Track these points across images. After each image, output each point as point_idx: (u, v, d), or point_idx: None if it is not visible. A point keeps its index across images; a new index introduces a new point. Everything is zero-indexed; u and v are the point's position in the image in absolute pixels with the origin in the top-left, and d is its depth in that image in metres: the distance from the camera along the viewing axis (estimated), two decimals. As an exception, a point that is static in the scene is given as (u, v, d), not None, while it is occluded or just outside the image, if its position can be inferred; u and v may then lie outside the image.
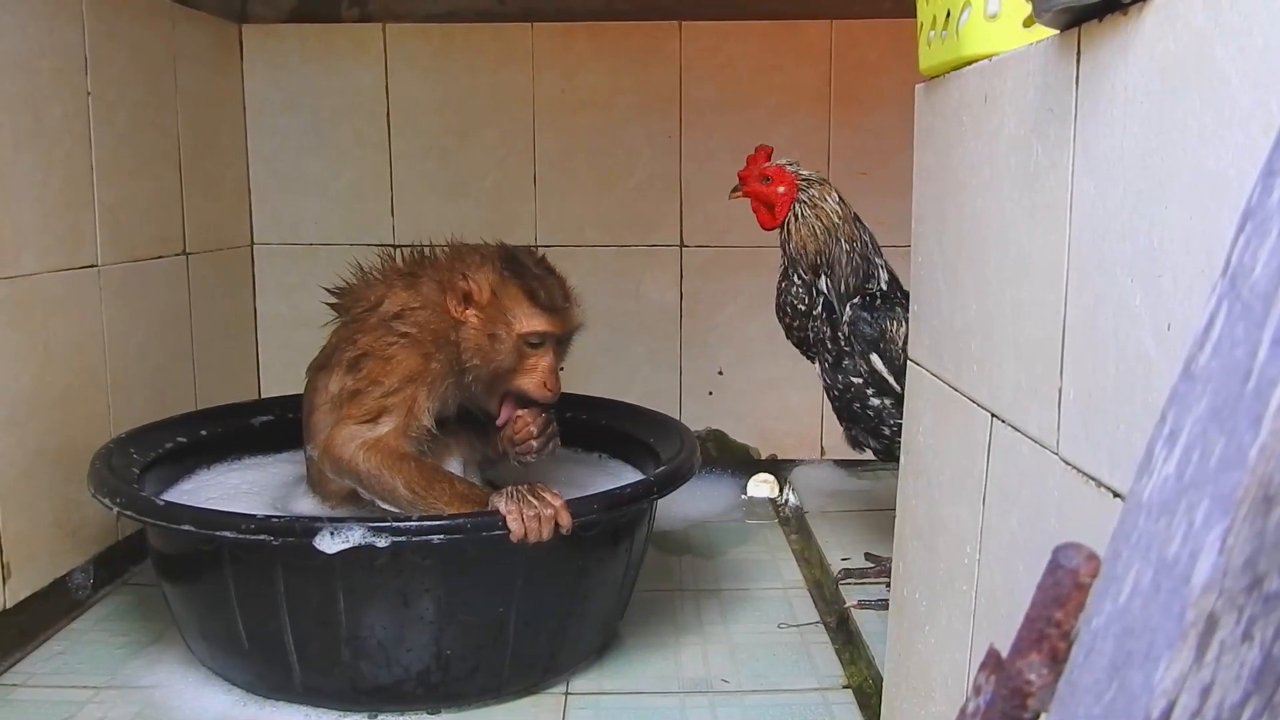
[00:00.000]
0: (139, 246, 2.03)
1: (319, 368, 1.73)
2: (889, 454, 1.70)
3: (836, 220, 1.69)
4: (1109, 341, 0.68)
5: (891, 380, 1.64)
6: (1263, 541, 0.33)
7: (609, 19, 2.50)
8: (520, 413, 1.67)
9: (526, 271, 1.63)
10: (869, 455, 1.77)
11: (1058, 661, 0.41)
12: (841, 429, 1.78)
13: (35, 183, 1.70)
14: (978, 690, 0.44)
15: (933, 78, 1.11)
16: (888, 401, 1.66)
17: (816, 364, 1.76)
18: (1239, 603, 0.33)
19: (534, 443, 1.67)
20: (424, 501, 1.52)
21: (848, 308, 1.66)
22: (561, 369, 1.69)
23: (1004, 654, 0.43)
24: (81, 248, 1.84)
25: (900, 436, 1.64)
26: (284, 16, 2.52)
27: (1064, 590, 0.40)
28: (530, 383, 1.63)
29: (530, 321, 1.60)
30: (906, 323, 1.60)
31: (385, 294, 1.64)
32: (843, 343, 1.67)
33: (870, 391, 1.66)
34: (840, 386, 1.70)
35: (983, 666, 0.44)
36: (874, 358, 1.64)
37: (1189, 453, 0.35)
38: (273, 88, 2.51)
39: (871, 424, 1.70)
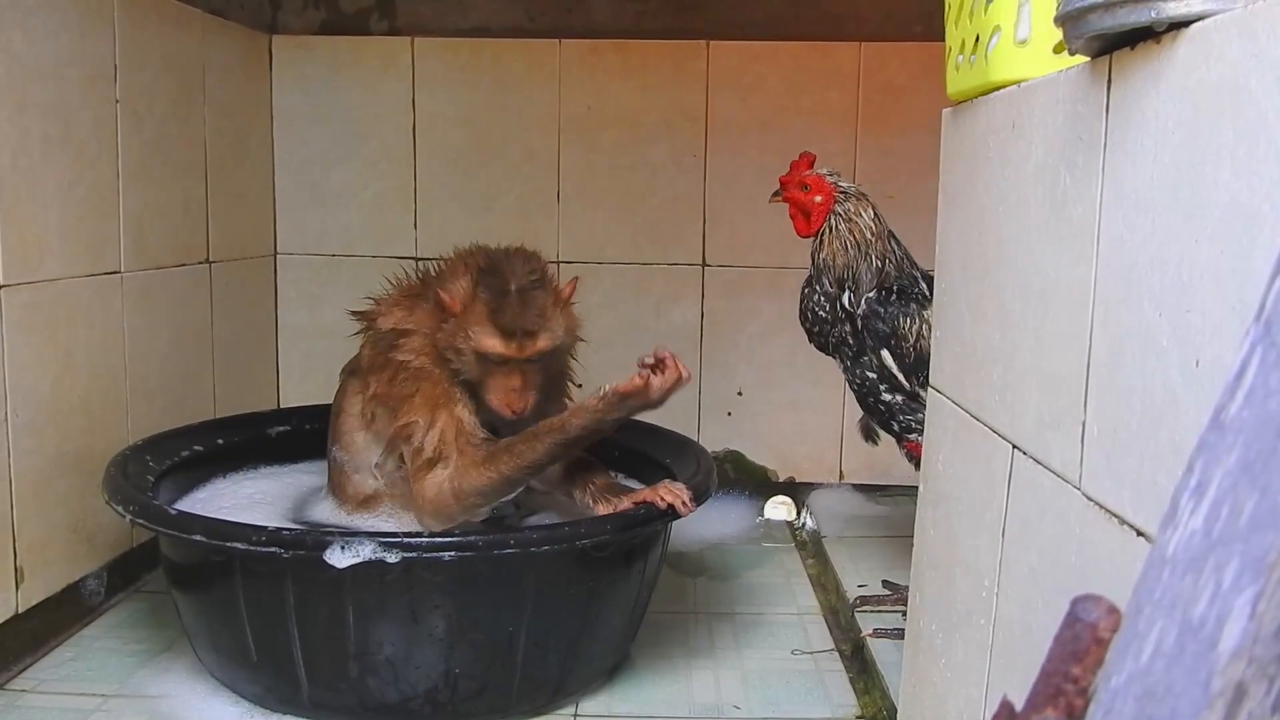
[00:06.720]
0: (162, 254, 2.04)
1: (351, 372, 1.76)
2: (899, 442, 1.73)
3: (869, 236, 1.68)
4: (1134, 376, 0.66)
5: (901, 378, 1.64)
6: None
7: (637, 37, 2.49)
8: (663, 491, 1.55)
9: (499, 286, 1.57)
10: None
11: (1074, 719, 0.39)
12: (858, 422, 1.83)
13: (61, 188, 1.71)
14: (989, 745, 0.42)
15: (960, 103, 1.09)
16: (899, 398, 1.67)
17: (838, 362, 1.77)
18: (1270, 673, 0.31)
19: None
20: (530, 469, 1.53)
21: (862, 301, 1.66)
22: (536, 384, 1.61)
23: (1018, 705, 0.41)
24: (105, 254, 1.84)
25: (909, 433, 1.65)
26: (314, 29, 2.53)
27: (1082, 645, 0.38)
28: (495, 400, 1.58)
29: (486, 341, 1.55)
30: (921, 319, 1.60)
31: (386, 313, 1.66)
32: (864, 338, 1.68)
33: (884, 387, 1.67)
34: (859, 381, 1.71)
35: (995, 718, 0.42)
36: (885, 354, 1.64)
37: (1218, 507, 0.33)
38: (301, 99, 2.52)
39: (883, 418, 1.72)
